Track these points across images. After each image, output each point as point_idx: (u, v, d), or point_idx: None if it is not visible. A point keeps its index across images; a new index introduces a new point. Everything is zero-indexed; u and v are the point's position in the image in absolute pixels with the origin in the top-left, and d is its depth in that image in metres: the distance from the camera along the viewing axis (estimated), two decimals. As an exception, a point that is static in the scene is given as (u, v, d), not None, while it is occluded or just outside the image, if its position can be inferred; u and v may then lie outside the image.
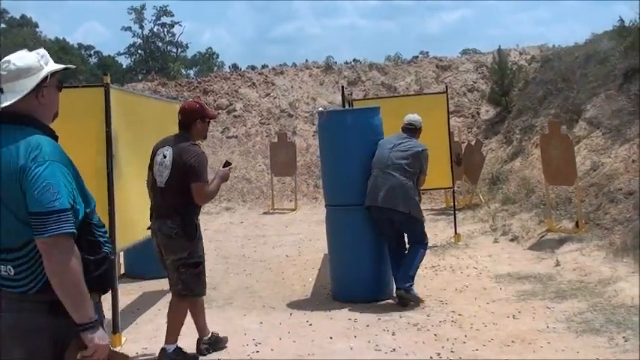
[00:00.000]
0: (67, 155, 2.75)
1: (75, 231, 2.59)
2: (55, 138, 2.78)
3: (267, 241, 11.67)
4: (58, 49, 65.44)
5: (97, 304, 2.72)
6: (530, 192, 12.04)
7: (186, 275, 5.33)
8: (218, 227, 13.82)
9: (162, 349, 5.47)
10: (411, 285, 6.95)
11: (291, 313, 6.88)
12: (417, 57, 26.51)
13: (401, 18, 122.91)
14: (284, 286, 8.20)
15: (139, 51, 64.15)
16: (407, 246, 7.27)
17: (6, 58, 2.75)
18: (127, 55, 65.43)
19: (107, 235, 2.85)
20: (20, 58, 2.76)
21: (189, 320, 5.60)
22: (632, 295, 6.46)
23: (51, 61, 2.84)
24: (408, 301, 6.88)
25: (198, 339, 5.69)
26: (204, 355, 5.61)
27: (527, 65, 19.89)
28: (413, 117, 7.69)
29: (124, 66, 64.03)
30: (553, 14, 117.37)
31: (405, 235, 7.31)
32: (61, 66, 2.88)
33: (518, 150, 14.89)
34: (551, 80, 15.56)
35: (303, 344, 5.80)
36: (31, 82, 2.72)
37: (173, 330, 5.46)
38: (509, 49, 21.13)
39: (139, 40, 63.67)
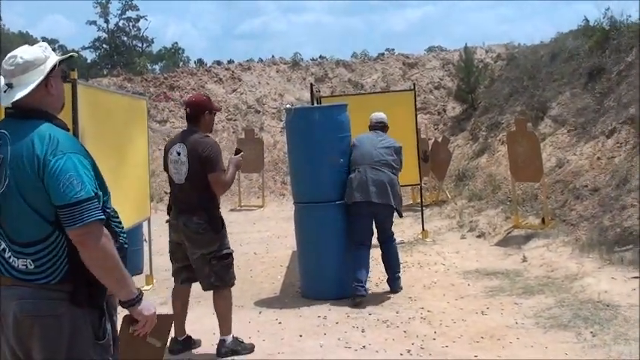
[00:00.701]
0: (82, 145, 2.79)
1: (104, 217, 2.65)
2: (67, 129, 2.80)
3: (234, 238, 11.49)
4: (22, 43, 64.44)
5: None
6: (497, 188, 12.13)
7: (217, 267, 5.38)
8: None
9: (221, 341, 5.49)
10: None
11: (260, 312, 6.83)
12: (383, 54, 26.57)
13: (366, 15, 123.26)
14: (252, 284, 8.14)
15: (104, 45, 63.35)
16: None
17: (11, 54, 2.77)
18: (91, 50, 64.53)
19: (122, 225, 2.87)
20: (25, 51, 2.77)
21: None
22: (598, 290, 6.53)
23: (53, 52, 2.84)
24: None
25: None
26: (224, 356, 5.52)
27: (493, 63, 20.08)
28: (380, 115, 7.79)
29: (89, 60, 63.24)
30: (517, 13, 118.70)
31: (376, 230, 7.37)
32: (65, 55, 2.92)
33: (484, 147, 15.00)
34: (516, 78, 15.71)
35: (273, 343, 5.76)
36: (39, 74, 2.74)
37: (226, 321, 5.51)
38: (476, 47, 21.28)
39: (104, 35, 62.89)
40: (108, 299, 2.76)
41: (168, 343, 2.99)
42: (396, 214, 7.34)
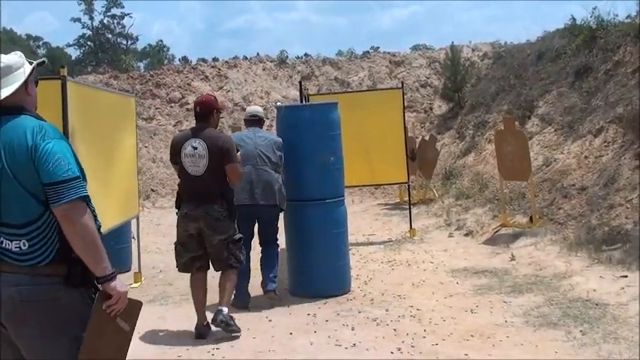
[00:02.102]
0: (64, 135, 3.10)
1: (88, 194, 2.89)
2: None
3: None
4: (6, 40, 63.95)
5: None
6: (484, 187, 12.17)
7: (234, 250, 5.94)
8: (173, 221, 13.57)
9: (219, 310, 5.87)
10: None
11: (249, 309, 6.81)
12: (369, 52, 26.59)
13: (352, 14, 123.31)
14: (241, 281, 8.11)
15: (89, 42, 63.02)
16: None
17: None
18: (76, 47, 64.21)
19: (95, 213, 3.01)
20: (4, 57, 3.05)
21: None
22: (587, 289, 6.55)
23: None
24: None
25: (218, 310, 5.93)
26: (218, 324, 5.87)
27: (480, 62, 20.18)
28: (255, 108, 7.73)
29: (73, 57, 62.86)
30: (504, 13, 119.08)
31: (259, 232, 7.13)
32: (39, 60, 3.20)
33: (471, 145, 15.05)
34: (503, 77, 15.77)
35: (263, 340, 5.74)
36: (20, 76, 3.03)
37: (228, 295, 6.05)
38: (462, 46, 21.36)
39: (89, 32, 62.54)
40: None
41: (134, 330, 3.09)
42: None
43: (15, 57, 3.09)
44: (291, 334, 5.89)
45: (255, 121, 7.27)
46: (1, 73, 3.00)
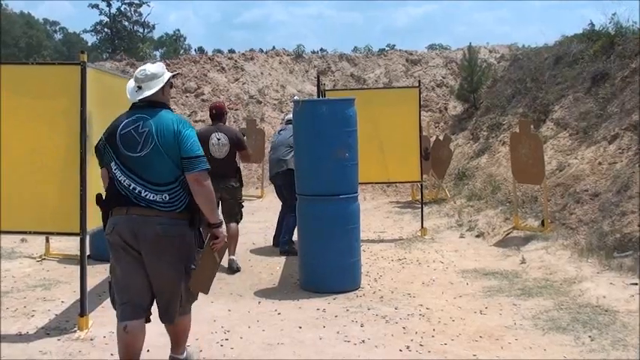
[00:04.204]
0: None
1: (209, 167, 4.36)
2: None
3: (233, 227, 11.58)
4: (23, 23, 64.16)
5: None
6: (496, 189, 12.17)
7: (240, 209, 8.51)
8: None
9: (232, 259, 8.26)
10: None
11: (259, 302, 6.86)
12: (385, 50, 26.57)
13: (367, 10, 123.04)
14: (251, 273, 8.17)
15: (106, 29, 63.21)
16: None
17: (142, 67, 4.54)
18: (92, 33, 64.45)
19: None
20: (151, 66, 4.52)
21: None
22: (596, 295, 6.56)
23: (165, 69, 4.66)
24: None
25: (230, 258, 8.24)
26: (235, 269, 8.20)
27: (497, 63, 20.13)
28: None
29: (90, 44, 63.05)
30: (517, 15, 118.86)
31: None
32: (174, 73, 4.92)
33: (485, 147, 15.04)
34: (519, 79, 15.73)
35: (273, 333, 5.78)
36: (159, 83, 4.48)
37: (234, 246, 8.35)
38: (479, 47, 21.30)
39: (106, 19, 62.72)
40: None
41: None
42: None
43: (159, 67, 4.53)
44: (300, 328, 5.93)
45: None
46: (145, 79, 4.44)
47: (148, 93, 4.41)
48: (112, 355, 5.22)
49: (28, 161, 5.88)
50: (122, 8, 63.02)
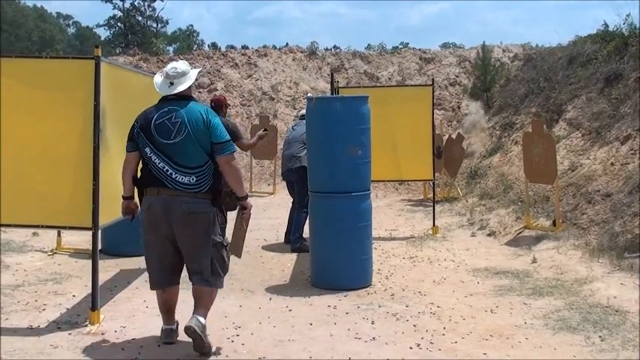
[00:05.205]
0: None
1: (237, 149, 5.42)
2: None
3: (244, 223, 11.61)
4: (36, 17, 64.43)
5: None
6: (508, 188, 12.16)
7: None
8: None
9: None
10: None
11: (270, 298, 6.88)
12: (399, 47, 26.53)
13: (380, 7, 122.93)
14: (263, 270, 8.20)
15: (119, 24, 63.33)
16: None
17: (173, 65, 5.22)
18: (106, 28, 64.58)
19: None
20: (181, 64, 5.24)
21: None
22: (607, 295, 6.56)
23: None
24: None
25: None
26: None
27: (510, 63, 20.07)
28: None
29: (103, 38, 63.22)
30: (531, 14, 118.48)
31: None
32: (200, 69, 6.16)
33: (498, 146, 15.03)
34: (533, 79, 15.70)
35: (283, 329, 5.81)
36: (188, 79, 5.22)
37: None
38: (493, 46, 21.22)
39: (119, 13, 62.83)
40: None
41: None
42: None
43: (187, 65, 5.29)
44: (311, 324, 5.95)
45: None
46: (176, 75, 5.14)
47: (180, 88, 5.14)
48: (122, 349, 5.27)
49: (41, 155, 5.90)
50: (136, 3, 63.10)
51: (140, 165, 5.25)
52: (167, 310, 5.33)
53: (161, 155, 5.01)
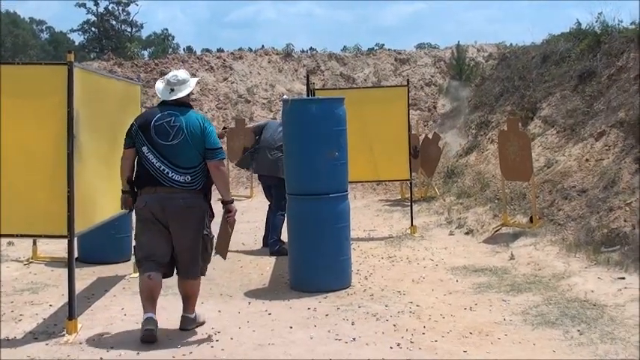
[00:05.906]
0: None
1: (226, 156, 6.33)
2: None
3: (223, 227, 11.56)
4: (9, 22, 63.74)
5: None
6: (485, 186, 12.22)
7: None
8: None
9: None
10: None
11: (249, 302, 6.85)
12: (374, 49, 26.60)
13: (356, 8, 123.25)
14: (241, 274, 8.17)
15: (93, 28, 62.82)
16: None
17: (174, 73, 5.75)
18: (80, 32, 64.02)
19: None
20: (181, 73, 5.79)
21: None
22: (585, 289, 6.63)
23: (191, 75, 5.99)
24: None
25: None
26: None
27: (485, 62, 20.19)
28: None
29: (77, 43, 62.70)
30: (506, 14, 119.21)
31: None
32: (197, 78, 6.44)
33: (474, 145, 15.10)
34: (507, 78, 15.79)
35: (263, 333, 5.78)
36: (188, 87, 5.73)
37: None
38: (467, 45, 21.36)
39: (93, 18, 62.33)
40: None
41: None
42: None
43: (186, 74, 5.81)
44: (291, 327, 5.93)
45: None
46: (177, 83, 5.64)
47: (180, 95, 5.65)
48: (101, 358, 5.22)
49: (15, 163, 5.75)
50: (110, 7, 62.66)
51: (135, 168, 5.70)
52: (149, 296, 5.51)
53: (158, 155, 5.48)
